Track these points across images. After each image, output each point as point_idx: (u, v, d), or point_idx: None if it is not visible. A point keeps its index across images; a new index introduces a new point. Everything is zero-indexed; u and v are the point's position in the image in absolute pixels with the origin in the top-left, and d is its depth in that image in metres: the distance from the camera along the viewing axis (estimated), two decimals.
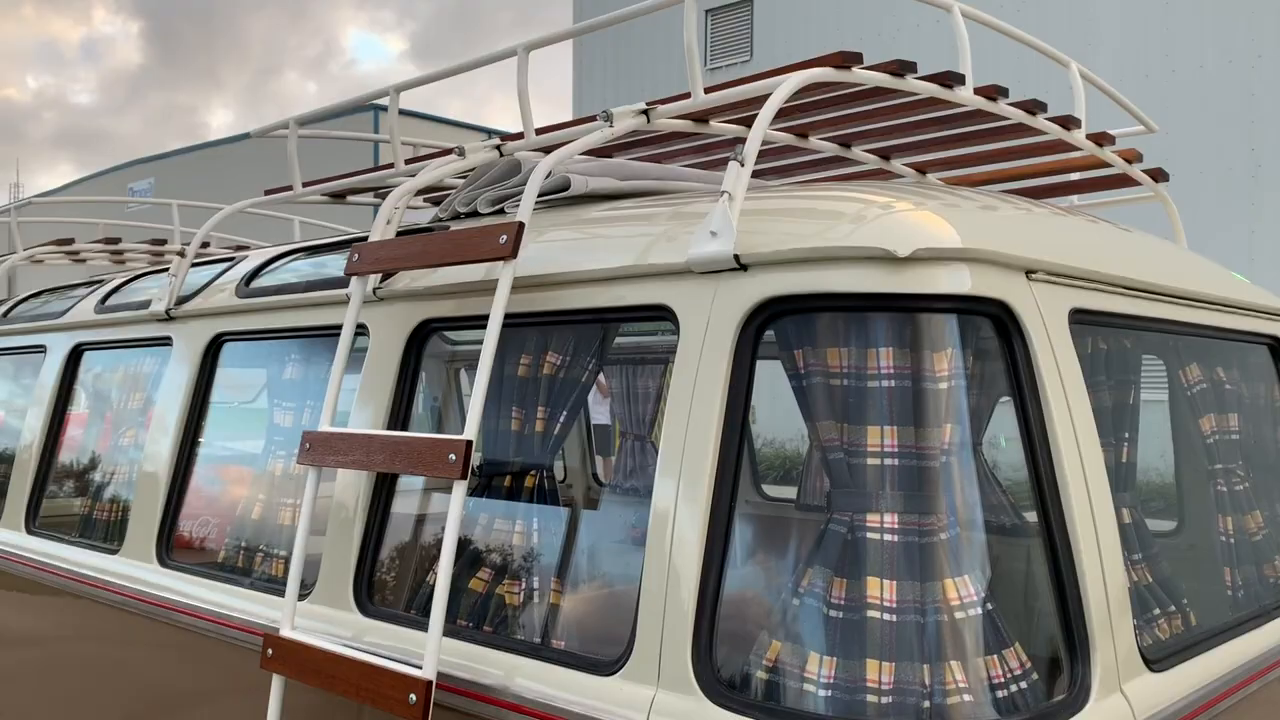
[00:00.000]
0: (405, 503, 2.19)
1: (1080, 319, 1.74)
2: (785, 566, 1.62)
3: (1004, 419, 1.72)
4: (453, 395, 4.06)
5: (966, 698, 1.42)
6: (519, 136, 2.23)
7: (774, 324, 1.59)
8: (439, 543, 1.71)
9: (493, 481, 2.07)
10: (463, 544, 2.05)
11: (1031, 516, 1.59)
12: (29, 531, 3.07)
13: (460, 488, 1.71)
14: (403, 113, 2.41)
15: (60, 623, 2.86)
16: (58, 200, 5.23)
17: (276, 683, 1.93)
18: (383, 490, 2.06)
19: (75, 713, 2.75)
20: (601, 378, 6.87)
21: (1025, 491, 1.60)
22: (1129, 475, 1.96)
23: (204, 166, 24.89)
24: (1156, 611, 1.88)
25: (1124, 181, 2.68)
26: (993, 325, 1.58)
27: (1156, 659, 1.66)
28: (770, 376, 1.71)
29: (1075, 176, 2.69)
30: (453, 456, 1.71)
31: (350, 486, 2.07)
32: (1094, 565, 1.56)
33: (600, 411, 6.57)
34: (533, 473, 2.04)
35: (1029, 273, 1.63)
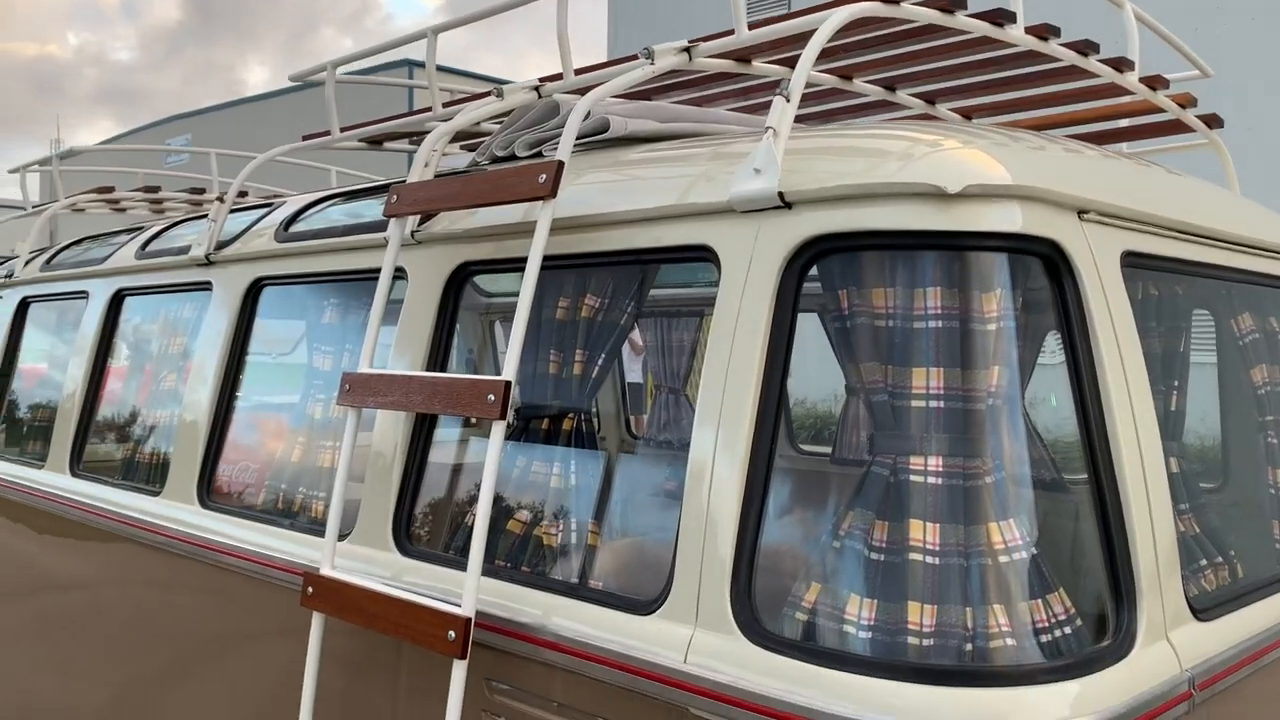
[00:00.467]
0: (444, 444, 2.19)
1: (1132, 262, 1.70)
2: (824, 513, 1.61)
3: (1051, 372, 1.68)
4: (488, 348, 4.05)
5: (1009, 641, 1.40)
6: (557, 78, 2.20)
7: (818, 263, 1.56)
8: (477, 484, 1.71)
9: (530, 424, 2.07)
10: (501, 486, 2.05)
11: (1079, 462, 1.56)
12: (73, 474, 3.11)
13: (499, 428, 1.71)
14: (439, 68, 2.39)
15: (103, 563, 2.90)
16: (98, 149, 5.25)
17: (316, 620, 1.95)
18: (421, 432, 2.06)
19: (117, 650, 2.80)
20: (636, 336, 6.88)
21: (1073, 436, 1.57)
22: (1178, 424, 1.93)
23: (241, 121, 24.97)
24: (1204, 562, 1.85)
25: (1175, 129, 2.62)
26: (1043, 266, 1.55)
27: (1204, 609, 1.63)
28: (803, 336, 1.69)
29: (1126, 123, 2.63)
30: (491, 397, 1.71)
31: (389, 428, 2.08)
32: (1142, 512, 1.53)
33: (634, 370, 6.56)
34: (570, 416, 2.03)
35: (1081, 213, 1.59)
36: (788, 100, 1.58)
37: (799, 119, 1.68)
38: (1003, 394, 1.50)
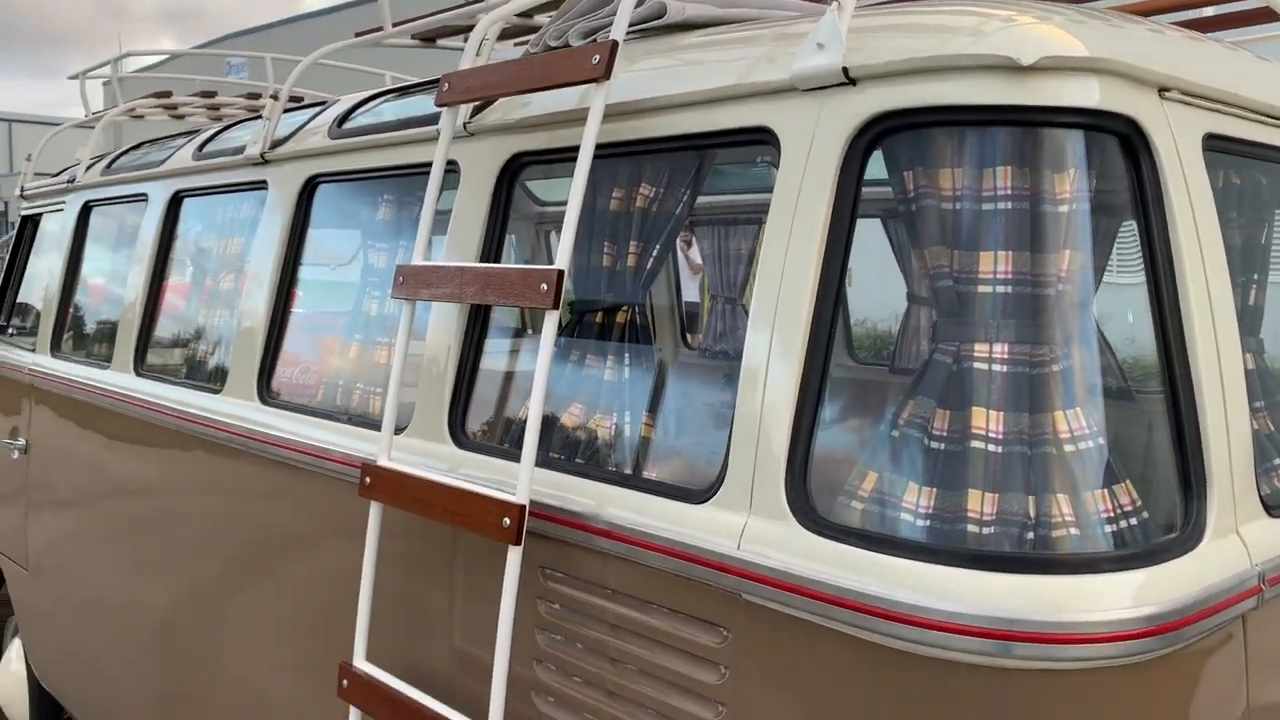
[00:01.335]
0: (498, 338, 2.18)
1: (1215, 145, 1.61)
2: (882, 410, 1.57)
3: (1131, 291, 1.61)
4: (542, 257, 4.03)
5: (1072, 531, 1.37)
6: None
7: (882, 144, 1.51)
8: (532, 376, 1.70)
9: (584, 318, 2.05)
10: (554, 379, 2.04)
11: (1151, 351, 1.50)
12: (137, 374, 3.17)
13: (551, 318, 1.69)
14: None
15: (166, 460, 2.97)
16: (156, 52, 5.27)
17: (374, 510, 1.97)
18: (476, 325, 2.05)
19: (179, 545, 2.87)
20: (695, 253, 6.80)
21: (1145, 324, 1.51)
22: (1256, 320, 1.85)
23: (298, 39, 24.93)
24: (1277, 462, 1.79)
25: (1264, 17, 2.48)
26: (1120, 145, 1.47)
27: (1276, 505, 1.58)
28: (865, 252, 1.63)
29: (1210, 11, 2.50)
30: (544, 286, 1.69)
31: (444, 323, 2.07)
32: (1216, 405, 1.47)
33: (691, 289, 6.50)
34: (624, 309, 2.01)
35: (1162, 90, 1.51)
36: None
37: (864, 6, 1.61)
38: (1073, 279, 1.44)
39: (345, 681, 1.98)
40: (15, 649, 4.21)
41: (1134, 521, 1.44)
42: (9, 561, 4.07)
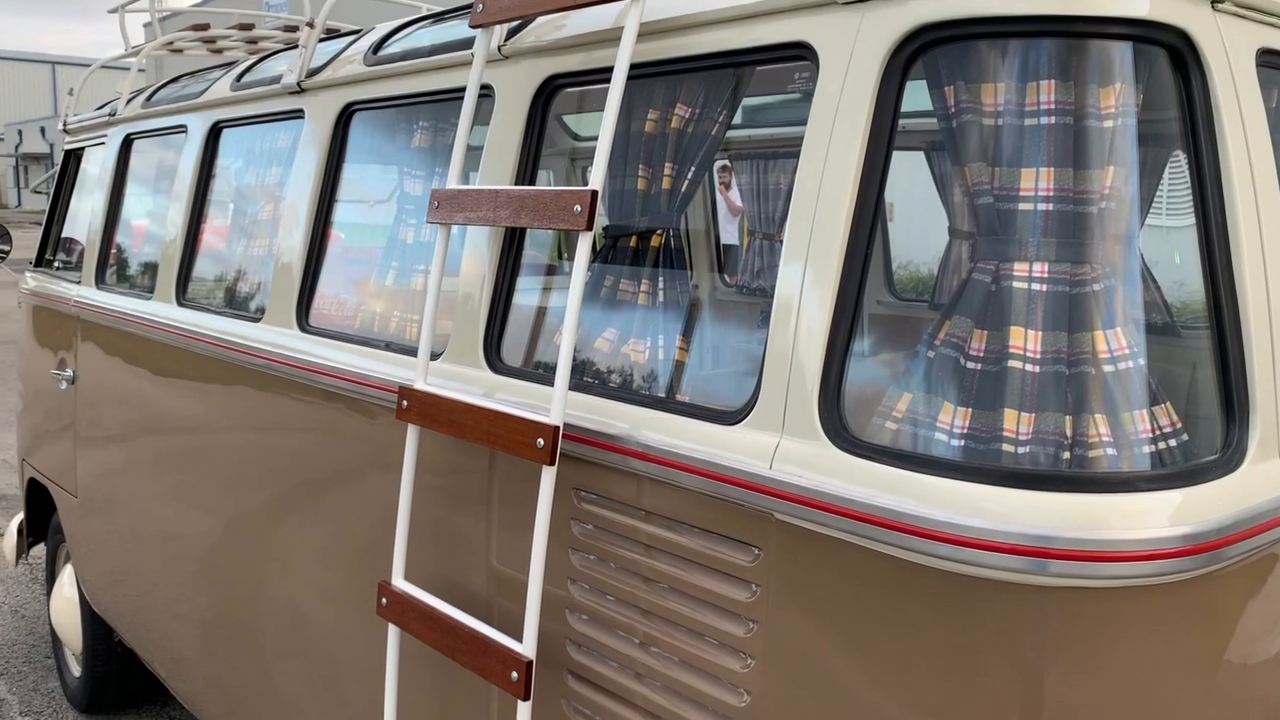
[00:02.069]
0: (533, 264, 2.18)
1: (1269, 61, 1.56)
2: (920, 336, 1.55)
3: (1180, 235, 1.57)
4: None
5: (1109, 451, 1.35)
6: None
7: (923, 56, 1.47)
8: (566, 301, 1.70)
9: (619, 241, 2.04)
10: (589, 303, 2.04)
11: (1195, 271, 1.47)
12: (179, 304, 3.21)
13: (585, 240, 1.68)
14: None
15: (207, 388, 3.01)
16: None
17: (411, 433, 1.99)
18: (511, 251, 2.05)
19: (221, 470, 2.92)
20: (735, 195, 6.73)
21: (1190, 244, 1.48)
22: None
23: None
24: None
25: None
26: (1169, 59, 1.43)
27: None
28: (905, 193, 1.59)
29: None
30: (578, 208, 1.68)
31: (479, 249, 2.07)
32: (1261, 323, 1.44)
33: (730, 231, 6.44)
34: (659, 232, 2.00)
35: (1215, 1, 1.46)
36: None
37: None
38: (1117, 197, 1.41)
39: (384, 600, 2.01)
40: (68, 575, 4.34)
41: (1173, 443, 1.42)
42: (59, 489, 4.17)
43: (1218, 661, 1.40)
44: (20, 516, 4.73)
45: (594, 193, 1.67)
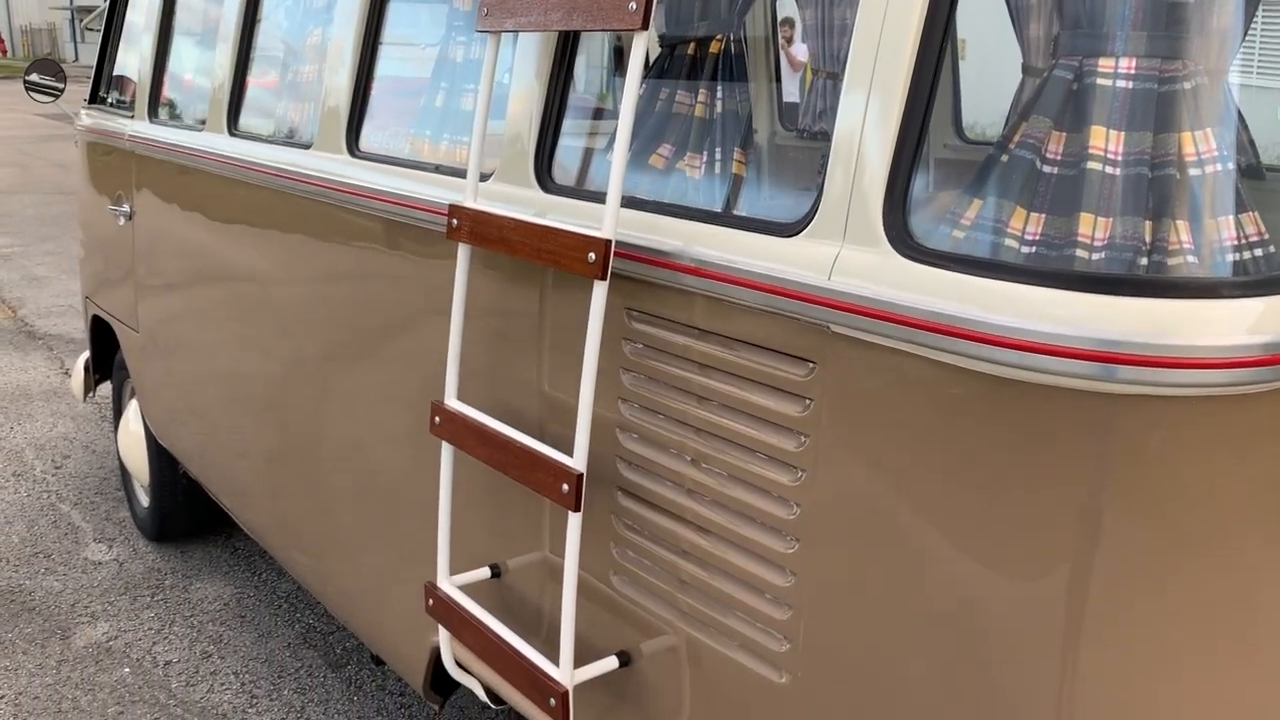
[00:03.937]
0: (585, 79, 2.11)
1: None
2: (989, 139, 1.47)
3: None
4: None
5: (1190, 258, 1.28)
6: None
7: None
8: (618, 115, 1.63)
9: (675, 50, 1.95)
10: (643, 117, 1.97)
11: None
12: (230, 134, 3.18)
13: (640, 40, 1.61)
14: None
15: (260, 218, 3.00)
16: None
17: (462, 252, 1.96)
18: (562, 67, 1.97)
19: (274, 299, 2.94)
20: (798, 50, 6.43)
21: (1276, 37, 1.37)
22: None
23: None
24: None
25: None
26: None
27: None
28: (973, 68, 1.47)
29: None
30: (633, 5, 1.60)
31: (529, 65, 2.00)
32: None
33: (791, 89, 6.21)
34: (717, 39, 1.90)
35: None
36: None
37: None
38: None
39: (438, 419, 2.02)
40: (133, 409, 4.46)
41: (1259, 253, 1.34)
42: (121, 325, 4.25)
43: None
44: (86, 354, 4.85)
45: None
